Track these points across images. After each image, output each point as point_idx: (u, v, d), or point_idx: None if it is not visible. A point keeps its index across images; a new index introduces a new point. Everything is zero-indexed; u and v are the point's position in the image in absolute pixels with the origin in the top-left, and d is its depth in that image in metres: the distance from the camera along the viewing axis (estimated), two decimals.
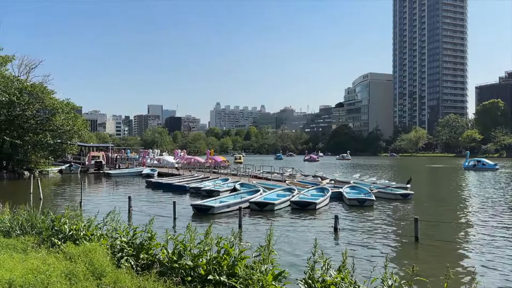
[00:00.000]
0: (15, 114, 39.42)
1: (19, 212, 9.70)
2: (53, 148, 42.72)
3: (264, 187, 25.17)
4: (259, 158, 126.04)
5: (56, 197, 26.23)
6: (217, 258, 6.39)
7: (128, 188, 32.32)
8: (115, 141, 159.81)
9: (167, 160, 60.58)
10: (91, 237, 7.54)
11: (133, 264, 6.61)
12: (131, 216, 17.53)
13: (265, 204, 19.43)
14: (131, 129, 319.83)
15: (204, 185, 28.06)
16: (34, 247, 7.16)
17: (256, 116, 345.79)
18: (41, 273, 5.09)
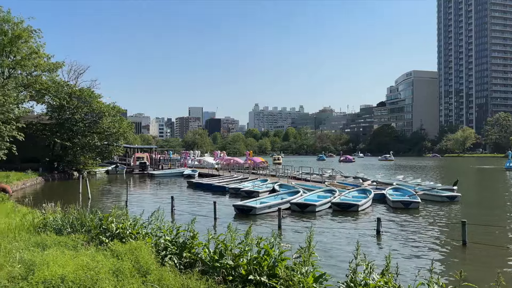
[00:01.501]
0: (65, 118, 41.58)
1: (69, 211, 10.23)
2: (100, 150, 44.71)
3: (304, 188, 24.97)
4: (297, 159, 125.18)
5: (103, 196, 27.41)
6: (258, 258, 6.41)
7: (171, 188, 33.19)
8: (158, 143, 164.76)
9: (207, 161, 61.63)
10: (136, 236, 7.79)
11: (176, 262, 6.77)
12: (173, 215, 17.99)
13: (306, 205, 19.28)
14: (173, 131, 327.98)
15: (244, 186, 28.29)
16: (84, 244, 7.51)
17: (295, 116, 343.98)
18: (91, 269, 5.33)
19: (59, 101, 40.78)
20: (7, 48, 39.31)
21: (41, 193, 27.11)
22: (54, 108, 41.98)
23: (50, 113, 43.07)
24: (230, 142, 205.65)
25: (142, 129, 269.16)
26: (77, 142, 41.66)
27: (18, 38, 39.36)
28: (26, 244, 7.41)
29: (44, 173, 37.94)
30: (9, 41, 38.89)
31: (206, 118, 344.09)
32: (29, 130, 34.87)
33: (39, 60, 41.65)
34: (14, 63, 40.06)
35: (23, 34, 39.49)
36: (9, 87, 30.50)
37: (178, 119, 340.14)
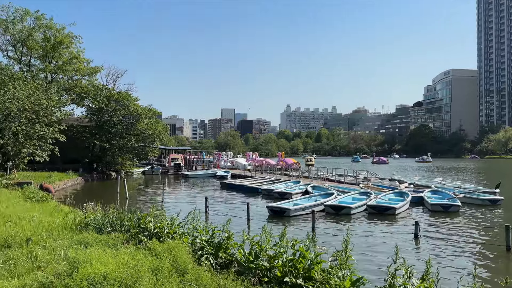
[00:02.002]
0: (104, 120, 43.08)
1: (109, 211, 10.58)
2: (137, 151, 46.00)
3: (338, 191, 24.64)
4: (330, 160, 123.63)
5: (140, 196, 28.16)
6: (293, 260, 6.39)
7: (204, 189, 33.66)
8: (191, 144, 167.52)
9: (239, 162, 62.03)
10: (173, 235, 7.96)
11: (212, 262, 6.86)
12: (207, 215, 18.21)
13: (341, 207, 19.00)
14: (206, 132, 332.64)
15: (276, 187, 28.26)
16: (123, 243, 7.75)
17: (327, 117, 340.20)
18: (131, 267, 5.48)
19: (98, 104, 42.35)
20: (49, 53, 41.23)
21: (81, 193, 28.19)
22: (94, 111, 43.62)
23: (89, 116, 44.78)
24: (262, 144, 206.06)
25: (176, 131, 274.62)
26: (115, 143, 43.01)
27: (60, 44, 41.18)
28: (69, 242, 7.73)
29: (84, 173, 39.42)
30: (51, 47, 40.77)
31: (238, 119, 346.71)
32: (70, 132, 36.35)
33: (79, 64, 43.44)
34: (56, 68, 41.95)
35: (64, 40, 41.29)
36: (51, 91, 31.94)
37: (211, 121, 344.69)
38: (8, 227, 9.43)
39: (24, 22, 40.12)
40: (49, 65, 41.33)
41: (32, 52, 41.21)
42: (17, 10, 39.56)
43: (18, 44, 40.35)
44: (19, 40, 39.85)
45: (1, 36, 39.94)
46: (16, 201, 15.49)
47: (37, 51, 41.14)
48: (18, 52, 41.00)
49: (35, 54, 41.74)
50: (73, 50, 42.98)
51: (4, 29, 39.27)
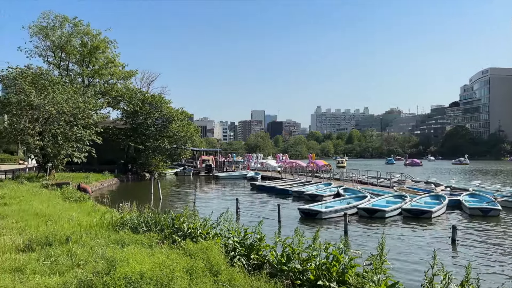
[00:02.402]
0: (138, 122, 44.24)
1: (144, 211, 10.83)
2: (169, 153, 46.96)
3: (371, 193, 24.17)
4: (362, 162, 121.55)
5: (172, 197, 28.69)
6: (326, 264, 6.31)
7: (235, 190, 33.88)
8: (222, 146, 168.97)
9: (269, 164, 62.03)
10: (206, 236, 8.05)
11: (244, 263, 6.88)
12: (238, 217, 18.31)
13: (375, 210, 18.63)
14: (236, 134, 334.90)
15: (307, 189, 28.06)
16: (158, 243, 7.91)
17: (359, 118, 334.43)
18: (166, 267, 5.60)
19: (133, 107, 43.56)
20: (86, 58, 42.79)
21: (116, 193, 29.02)
22: (128, 113, 44.88)
23: (124, 118, 46.11)
24: (292, 145, 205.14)
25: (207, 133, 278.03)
26: (149, 145, 44.04)
27: (96, 49, 42.66)
28: (106, 241, 7.97)
29: (119, 174, 40.56)
30: (88, 52, 42.30)
31: (268, 121, 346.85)
32: (106, 134, 37.50)
33: (114, 69, 44.84)
34: (93, 72, 43.48)
35: (100, 45, 42.74)
36: (88, 95, 33.08)
37: (241, 123, 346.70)
38: (49, 226, 9.85)
39: (63, 28, 41.84)
40: (86, 70, 42.89)
41: (70, 57, 42.90)
42: (57, 17, 41.31)
43: (57, 49, 42.09)
44: (58, 46, 41.57)
45: (42, 42, 41.83)
46: (55, 201, 16.14)
47: (74, 56, 42.79)
48: (57, 57, 42.77)
49: (73, 59, 43.42)
50: (109, 54, 44.40)
51: (45, 36, 41.08)
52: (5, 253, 7.35)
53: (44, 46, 42.16)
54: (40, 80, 29.01)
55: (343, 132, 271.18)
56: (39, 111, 26.09)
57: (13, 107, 26.68)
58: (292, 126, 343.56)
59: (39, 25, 40.68)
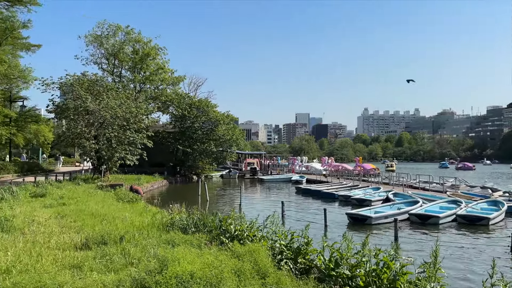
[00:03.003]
0: (186, 126, 45.50)
1: (193, 212, 11.11)
2: (216, 155, 47.90)
3: (422, 198, 23.20)
4: (413, 166, 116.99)
5: (218, 199, 29.18)
6: (376, 270, 6.16)
7: (279, 193, 33.86)
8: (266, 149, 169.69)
9: (314, 167, 61.39)
10: (253, 238, 8.11)
11: (291, 267, 6.86)
12: (284, 220, 18.26)
13: (428, 216, 17.89)
14: (280, 137, 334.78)
15: (354, 194, 27.46)
16: (206, 243, 8.08)
17: (409, 120, 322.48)
18: (215, 268, 5.71)
19: (181, 111, 44.89)
20: (138, 65, 44.70)
21: (166, 194, 29.96)
22: (177, 117, 46.29)
23: (173, 122, 47.61)
24: (338, 148, 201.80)
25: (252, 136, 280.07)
26: (196, 148, 45.16)
27: (147, 56, 44.46)
28: (157, 241, 8.25)
29: (168, 176, 41.91)
30: (140, 59, 44.19)
31: (312, 124, 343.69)
32: (156, 137, 38.81)
33: (164, 75, 46.50)
34: (144, 78, 45.35)
35: (151, 52, 44.50)
36: (140, 100, 34.46)
37: (285, 126, 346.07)
38: (104, 225, 10.36)
39: (116, 36, 44.08)
40: (138, 76, 44.80)
41: (123, 64, 45.04)
42: (111, 26, 43.60)
43: (111, 57, 44.36)
44: (111, 53, 43.81)
45: (97, 51, 44.31)
46: (110, 202, 16.94)
47: (127, 63, 44.87)
48: (111, 64, 45.04)
49: (126, 66, 45.55)
50: (159, 61, 46.13)
51: (99, 44, 43.49)
52: (65, 250, 7.81)
53: (99, 54, 44.65)
54: (95, 86, 30.62)
55: (392, 134, 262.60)
56: (95, 116, 27.53)
57: (70, 112, 28.34)
58: (338, 128, 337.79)
59: (94, 34, 43.15)
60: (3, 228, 9.35)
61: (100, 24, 43.43)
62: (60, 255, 7.29)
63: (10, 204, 13.66)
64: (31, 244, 8.05)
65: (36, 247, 7.85)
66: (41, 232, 9.50)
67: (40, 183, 21.25)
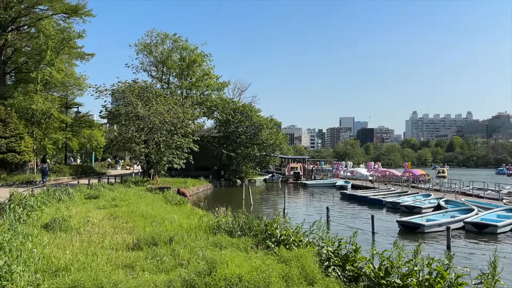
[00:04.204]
0: (230, 131, 46.14)
1: (238, 215, 11.22)
2: (259, 160, 48.11)
3: (477, 206, 21.97)
4: (466, 172, 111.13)
5: (262, 203, 29.25)
6: (430, 280, 5.93)
7: (324, 199, 33.37)
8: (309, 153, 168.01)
9: (360, 173, 59.94)
10: (299, 243, 8.07)
11: (339, 274, 6.74)
12: (329, 226, 17.97)
13: (486, 225, 16.97)
14: (324, 142, 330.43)
15: (403, 200, 26.53)
16: (252, 247, 8.13)
17: (461, 124, 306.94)
18: (263, 272, 5.73)
19: (225, 116, 45.61)
20: (185, 72, 46.00)
21: (211, 197, 30.49)
22: (221, 122, 47.07)
23: (218, 127, 48.44)
24: (385, 153, 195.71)
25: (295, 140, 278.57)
26: (240, 152, 45.62)
27: (194, 63, 45.65)
28: (205, 243, 8.41)
29: (213, 180, 42.65)
30: (186, 66, 45.46)
31: (357, 128, 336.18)
32: (202, 142, 39.61)
33: (209, 81, 47.50)
34: (190, 84, 46.58)
35: (197, 59, 45.65)
36: (186, 105, 35.39)
37: (329, 130, 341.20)
38: (154, 227, 10.71)
39: (164, 44, 45.70)
40: (185, 82, 46.10)
41: (170, 71, 46.56)
42: (159, 35, 45.24)
43: (159, 64, 46.02)
44: (160, 61, 45.45)
45: (146, 58, 46.12)
46: (158, 204, 17.50)
47: (174, 70, 46.33)
48: (160, 71, 46.70)
49: (173, 73, 47.06)
50: (205, 67, 47.20)
51: (148, 52, 45.25)
52: (118, 250, 8.14)
53: (148, 62, 46.45)
54: (145, 93, 31.81)
55: (443, 139, 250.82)
56: (144, 121, 28.60)
57: (122, 117, 29.63)
58: (384, 133, 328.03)
59: (144, 42, 44.95)
60: (61, 227, 9.91)
61: (149, 33, 45.26)
62: (113, 255, 7.61)
63: (67, 205, 14.49)
64: (87, 244, 8.47)
65: (91, 246, 8.25)
66: (95, 232, 9.98)
67: (93, 186, 22.34)
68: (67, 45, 35.99)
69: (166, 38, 45.48)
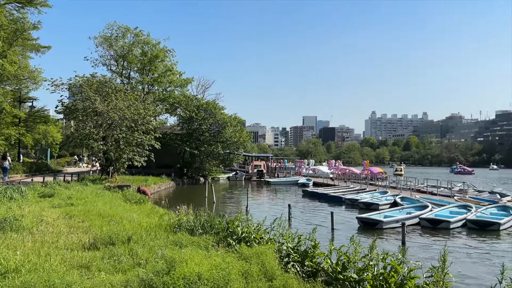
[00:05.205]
0: (193, 128, 45.63)
1: (200, 214, 11.13)
2: (223, 158, 47.94)
3: (431, 203, 23.00)
4: (421, 170, 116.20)
5: (225, 201, 29.19)
6: (384, 274, 6.13)
7: (286, 196, 33.78)
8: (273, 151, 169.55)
9: (321, 170, 61.20)
10: (260, 240, 8.12)
11: (298, 270, 6.84)
12: (290, 223, 18.22)
13: (439, 221, 17.78)
14: (287, 140, 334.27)
15: (361, 197, 27.30)
16: (214, 245, 8.10)
17: (417, 124, 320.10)
18: (222, 269, 5.71)
19: (188, 113, 45.04)
20: (147, 67, 44.93)
21: (173, 196, 30.05)
22: (185, 119, 46.45)
23: (181, 124, 47.78)
24: (345, 151, 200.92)
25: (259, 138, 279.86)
26: (203, 150, 45.21)
27: (156, 58, 44.67)
28: (165, 242, 8.28)
29: (175, 178, 42.03)
30: (148, 61, 44.41)
31: (319, 127, 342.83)
32: (164, 139, 38.92)
33: (172, 77, 46.66)
34: (152, 80, 45.56)
35: (159, 54, 44.73)
36: (148, 102, 34.62)
37: (292, 128, 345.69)
38: (112, 226, 10.42)
39: (125, 38, 44.39)
40: (146, 78, 45.04)
41: (131, 66, 45.31)
42: (120, 28, 43.90)
43: (120, 59, 44.67)
44: (120, 55, 44.13)
45: (106, 52, 44.65)
46: (117, 202, 17.02)
47: (135, 65, 45.13)
48: (120, 66, 45.35)
49: (134, 68, 45.81)
50: (167, 63, 46.31)
51: (109, 46, 43.83)
52: (73, 250, 7.86)
53: (108, 56, 44.96)
54: (104, 87, 30.81)
55: (400, 138, 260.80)
56: (103, 117, 27.72)
57: (79, 113, 28.57)
58: (345, 132, 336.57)
59: (104, 35, 43.49)
60: (12, 227, 9.43)
61: (109, 26, 43.83)
62: (68, 255, 7.35)
63: (19, 203, 13.80)
64: (40, 244, 8.12)
65: (45, 246, 7.92)
66: (49, 232, 9.58)
67: (48, 184, 21.44)
68: (21, 37, 34.19)
69: (127, 31, 44.24)
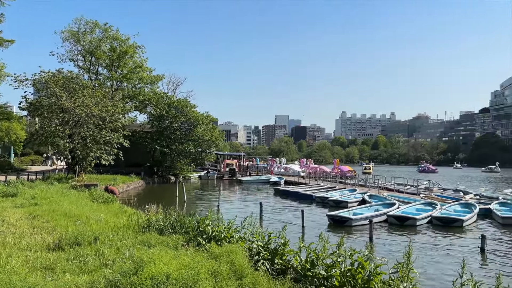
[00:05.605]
0: (164, 126, 44.97)
1: (170, 213, 10.98)
2: (194, 156, 47.51)
3: (398, 201, 23.69)
4: (389, 168, 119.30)
5: (197, 200, 28.96)
6: (351, 270, 6.25)
7: (258, 195, 33.89)
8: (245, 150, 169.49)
9: (293, 169, 61.77)
10: (230, 239, 8.10)
11: (268, 268, 6.88)
12: (262, 221, 18.30)
13: (406, 218, 18.34)
14: (259, 139, 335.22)
15: (331, 195, 27.77)
16: (183, 245, 8.01)
17: (385, 124, 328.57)
18: (192, 269, 5.66)
19: (159, 111, 44.35)
20: (115, 63, 43.82)
21: (143, 195, 29.54)
22: (155, 117, 45.71)
23: (151, 122, 46.97)
24: (316, 150, 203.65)
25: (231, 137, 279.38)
26: (174, 148, 44.61)
27: (125, 54, 43.65)
28: (133, 242, 8.13)
29: (145, 177, 41.33)
30: (117, 57, 43.32)
31: (291, 126, 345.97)
32: (133, 137, 38.14)
33: (142, 73, 45.75)
34: (121, 76, 44.50)
35: (129, 50, 43.74)
36: (117, 99, 33.85)
37: (265, 127, 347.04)
38: (78, 226, 10.14)
39: (93, 33, 43.15)
40: (115, 74, 43.95)
41: (99, 62, 44.09)
42: (88, 23, 42.64)
43: (87, 54, 43.38)
44: (88, 50, 42.86)
45: (73, 47, 43.24)
46: (84, 202, 16.59)
47: (104, 61, 43.93)
48: (87, 61, 44.06)
49: (102, 64, 44.59)
50: (137, 59, 45.34)
51: (76, 41, 42.47)
52: (36, 251, 7.61)
53: (75, 51, 43.56)
54: (71, 84, 29.89)
55: (369, 137, 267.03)
56: (69, 114, 26.90)
57: (44, 110, 27.60)
58: (316, 131, 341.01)
59: (71, 30, 42.11)
60: None
61: (77, 20, 42.50)
62: (31, 256, 7.11)
63: None
64: (1, 245, 7.82)
65: (6, 248, 7.63)
66: (11, 232, 9.25)
67: (11, 183, 20.61)
68: None
69: (96, 27, 43.04)
